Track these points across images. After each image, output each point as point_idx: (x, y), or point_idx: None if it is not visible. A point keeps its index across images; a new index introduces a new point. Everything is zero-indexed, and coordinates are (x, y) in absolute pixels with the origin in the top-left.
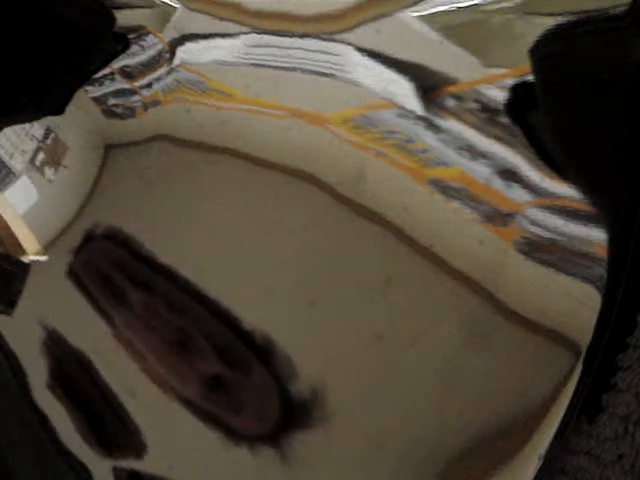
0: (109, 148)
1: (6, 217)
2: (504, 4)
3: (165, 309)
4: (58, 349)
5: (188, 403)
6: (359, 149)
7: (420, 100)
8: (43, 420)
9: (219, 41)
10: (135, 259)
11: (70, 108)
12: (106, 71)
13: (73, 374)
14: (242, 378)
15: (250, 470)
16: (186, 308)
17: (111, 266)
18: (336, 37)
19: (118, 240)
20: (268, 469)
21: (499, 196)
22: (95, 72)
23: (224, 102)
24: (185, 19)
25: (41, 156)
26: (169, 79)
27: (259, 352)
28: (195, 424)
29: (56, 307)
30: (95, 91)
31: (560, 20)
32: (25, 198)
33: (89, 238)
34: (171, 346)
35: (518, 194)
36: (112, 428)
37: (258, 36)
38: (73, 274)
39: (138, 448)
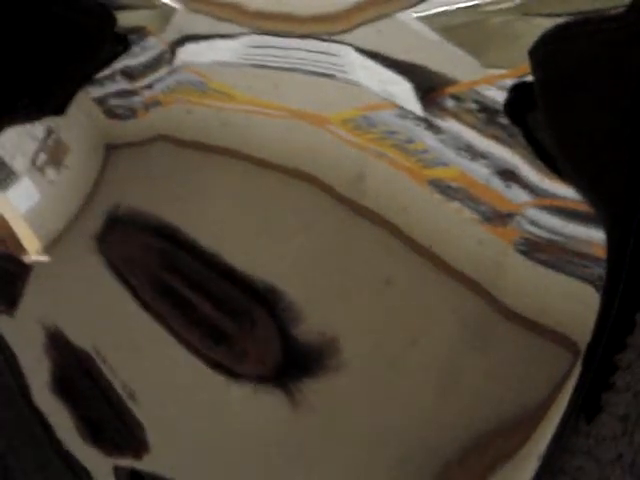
0: (110, 148)
1: (7, 217)
2: (503, 5)
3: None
4: (59, 349)
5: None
6: (359, 149)
7: (420, 101)
8: (43, 421)
9: (219, 42)
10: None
11: (71, 109)
12: (107, 72)
13: (74, 374)
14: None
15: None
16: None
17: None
18: (336, 38)
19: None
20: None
21: (498, 196)
22: (96, 73)
23: (224, 103)
24: (185, 20)
25: (42, 156)
26: (170, 80)
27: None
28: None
29: (59, 306)
30: (96, 92)
31: (559, 21)
32: (26, 198)
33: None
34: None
35: (517, 194)
36: (112, 428)
37: (258, 37)
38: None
39: (138, 448)
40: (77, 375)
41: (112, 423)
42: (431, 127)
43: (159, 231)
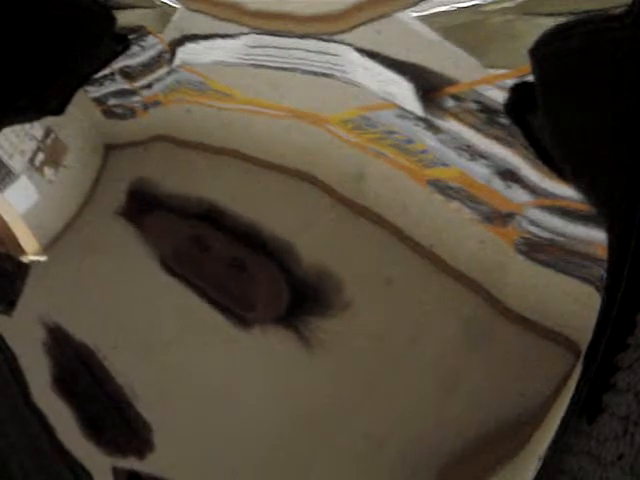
0: (109, 148)
1: (6, 217)
2: (504, 4)
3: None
4: (60, 348)
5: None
6: (359, 149)
7: (420, 101)
8: (43, 422)
9: (219, 42)
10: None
11: (70, 108)
12: (106, 71)
13: (76, 373)
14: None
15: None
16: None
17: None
18: (336, 37)
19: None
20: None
21: (499, 196)
22: (95, 72)
23: (224, 102)
24: (185, 19)
25: (41, 156)
26: (169, 79)
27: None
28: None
29: (59, 305)
30: (95, 91)
31: (560, 20)
32: (25, 198)
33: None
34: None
35: (518, 194)
36: (115, 428)
37: (258, 36)
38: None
39: (141, 448)
40: (79, 374)
41: (115, 422)
42: (431, 127)
43: (179, 209)
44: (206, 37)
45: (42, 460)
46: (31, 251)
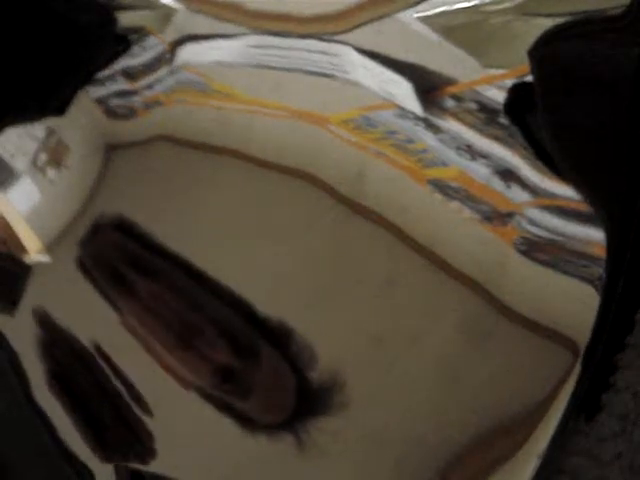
0: (110, 149)
1: (8, 217)
2: (503, 5)
3: (173, 297)
4: (60, 348)
5: (201, 392)
6: (359, 149)
7: (420, 101)
8: (44, 420)
9: (220, 42)
10: (143, 249)
11: (72, 109)
12: (108, 72)
13: (75, 373)
14: (253, 367)
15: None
16: (194, 297)
17: (119, 257)
18: (336, 38)
19: (126, 232)
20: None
21: (498, 196)
22: (96, 73)
23: (225, 103)
24: (186, 20)
25: (43, 157)
26: (170, 80)
27: (270, 340)
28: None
29: (60, 304)
30: (97, 92)
31: (559, 21)
32: (27, 198)
33: (96, 230)
34: (180, 336)
35: (517, 194)
36: (115, 428)
37: (259, 37)
38: (82, 266)
39: (142, 450)
40: (80, 373)
41: (115, 422)
42: (431, 127)
43: (150, 246)
44: (207, 37)
45: (43, 457)
46: (33, 251)
